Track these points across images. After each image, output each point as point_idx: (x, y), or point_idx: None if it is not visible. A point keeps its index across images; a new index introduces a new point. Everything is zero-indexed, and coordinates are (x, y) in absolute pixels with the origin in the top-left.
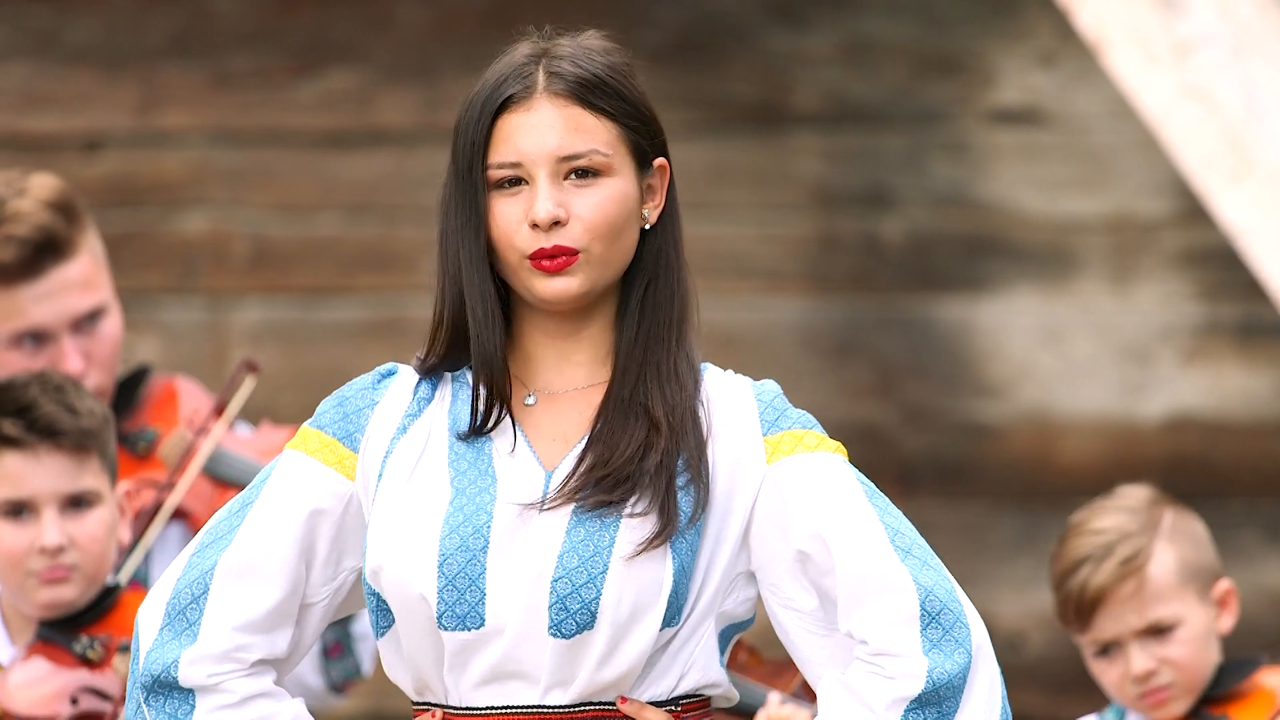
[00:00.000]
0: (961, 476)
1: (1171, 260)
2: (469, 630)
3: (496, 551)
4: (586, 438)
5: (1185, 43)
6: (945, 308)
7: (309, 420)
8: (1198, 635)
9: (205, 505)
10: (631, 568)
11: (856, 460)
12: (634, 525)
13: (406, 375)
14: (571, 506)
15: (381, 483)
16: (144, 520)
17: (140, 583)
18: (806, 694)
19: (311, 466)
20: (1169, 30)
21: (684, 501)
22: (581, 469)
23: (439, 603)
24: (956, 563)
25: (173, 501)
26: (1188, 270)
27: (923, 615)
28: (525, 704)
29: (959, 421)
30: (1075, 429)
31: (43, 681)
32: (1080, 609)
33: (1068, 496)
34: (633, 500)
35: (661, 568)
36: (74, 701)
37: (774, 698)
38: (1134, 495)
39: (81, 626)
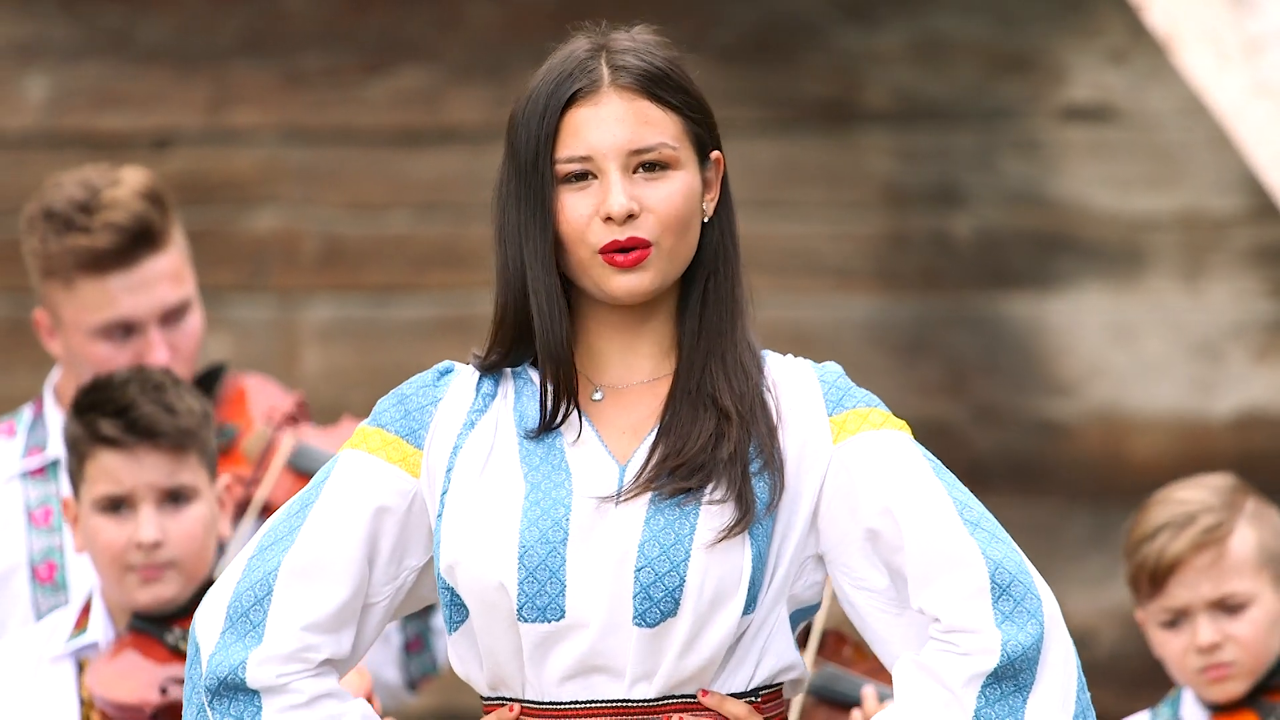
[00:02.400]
0: (1033, 475)
1: (1242, 257)
2: (549, 622)
3: (576, 544)
4: (656, 429)
5: (1256, 40)
6: (1016, 305)
7: (366, 420)
8: (1266, 618)
9: (290, 498)
10: (713, 554)
11: None
12: (714, 512)
13: (466, 373)
14: (649, 496)
15: (451, 479)
16: (233, 516)
17: None
18: None
19: (375, 464)
20: (1240, 28)
21: (759, 488)
22: (655, 459)
23: (519, 594)
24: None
25: (261, 496)
26: (1259, 267)
27: (993, 588)
28: (611, 698)
29: (1030, 420)
30: (1146, 427)
31: (133, 672)
32: (1155, 574)
33: (1139, 495)
34: (710, 488)
35: (741, 554)
36: (163, 691)
37: (869, 690)
38: (1217, 478)
39: (176, 619)
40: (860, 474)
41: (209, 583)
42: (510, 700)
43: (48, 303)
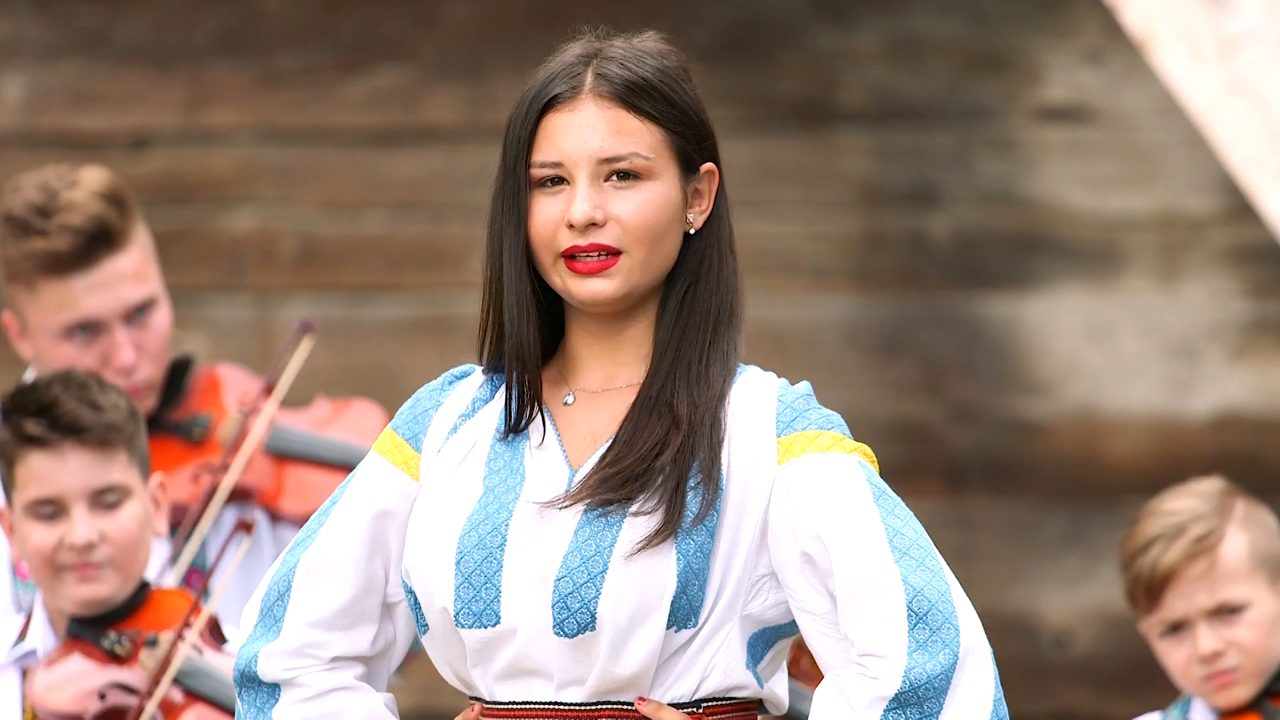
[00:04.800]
0: (1009, 474)
1: (1218, 257)
2: (485, 628)
3: (514, 549)
4: (613, 436)
5: (1232, 39)
6: (992, 305)
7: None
8: (1266, 620)
9: (269, 481)
10: (631, 567)
11: (903, 458)
12: (636, 524)
13: (476, 377)
14: (582, 505)
15: (425, 483)
16: (202, 504)
17: (199, 569)
18: None
19: (382, 467)
20: (1216, 27)
21: (692, 502)
22: (595, 467)
23: (455, 600)
24: (1004, 560)
25: (226, 484)
26: (1235, 267)
27: (909, 615)
28: (543, 700)
29: (1006, 419)
30: (1122, 426)
31: (72, 680)
32: (1150, 587)
33: (1115, 494)
34: (640, 499)
35: (665, 568)
36: (102, 697)
37: None
38: (1207, 484)
39: (112, 623)
40: (798, 497)
41: (144, 583)
42: (475, 700)
43: (14, 306)
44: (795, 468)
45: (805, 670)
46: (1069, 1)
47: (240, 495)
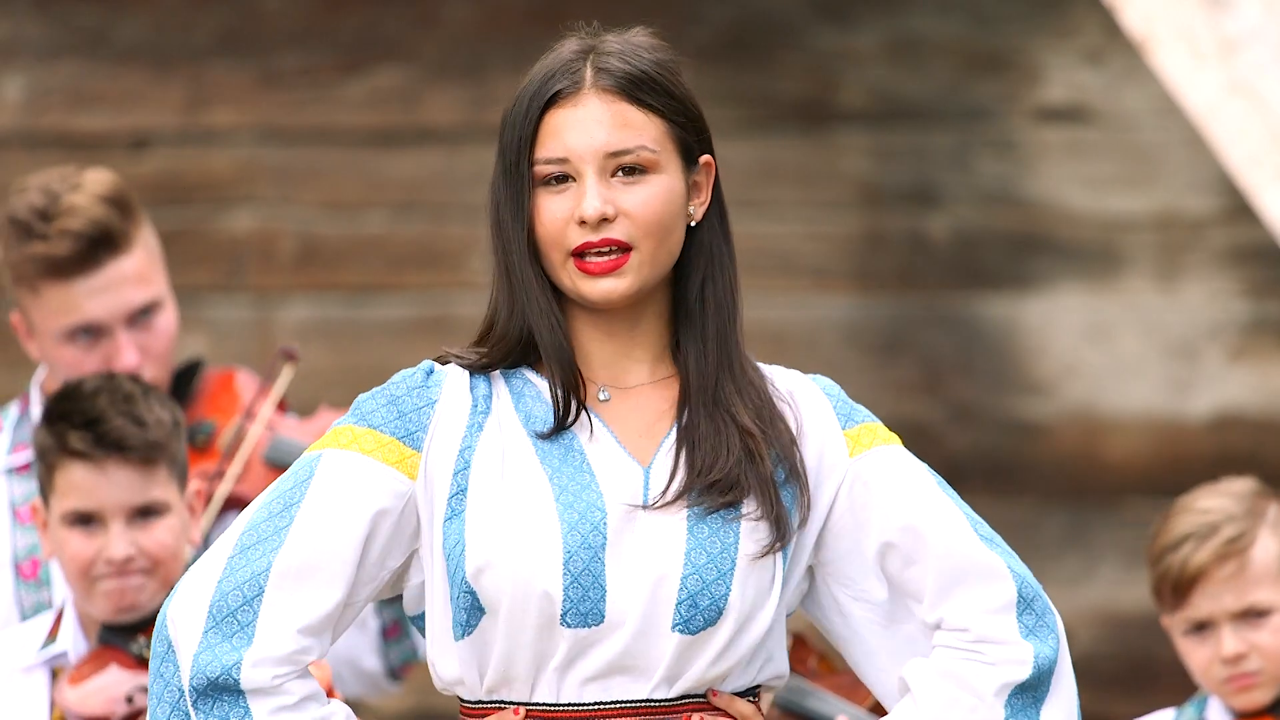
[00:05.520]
0: (1008, 474)
1: (1218, 257)
2: (589, 626)
3: (613, 548)
4: (673, 434)
5: (1232, 40)
6: (992, 305)
7: (349, 418)
8: None
9: None
10: (754, 567)
11: None
12: (754, 527)
13: (454, 373)
14: (686, 506)
15: (470, 481)
16: (197, 512)
17: None
18: (879, 714)
19: (370, 466)
20: (1216, 27)
21: (786, 500)
22: (684, 471)
23: (564, 600)
24: None
25: (222, 491)
26: (1234, 267)
27: (1019, 602)
28: (631, 699)
29: (1005, 419)
30: (1122, 427)
31: (101, 685)
32: (1178, 585)
33: (1115, 494)
34: (745, 503)
35: (776, 566)
36: (129, 700)
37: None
38: (1240, 484)
39: (142, 629)
40: (877, 488)
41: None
42: (514, 703)
43: (20, 307)
44: (869, 459)
45: (813, 669)
46: (1069, 2)
47: (236, 505)
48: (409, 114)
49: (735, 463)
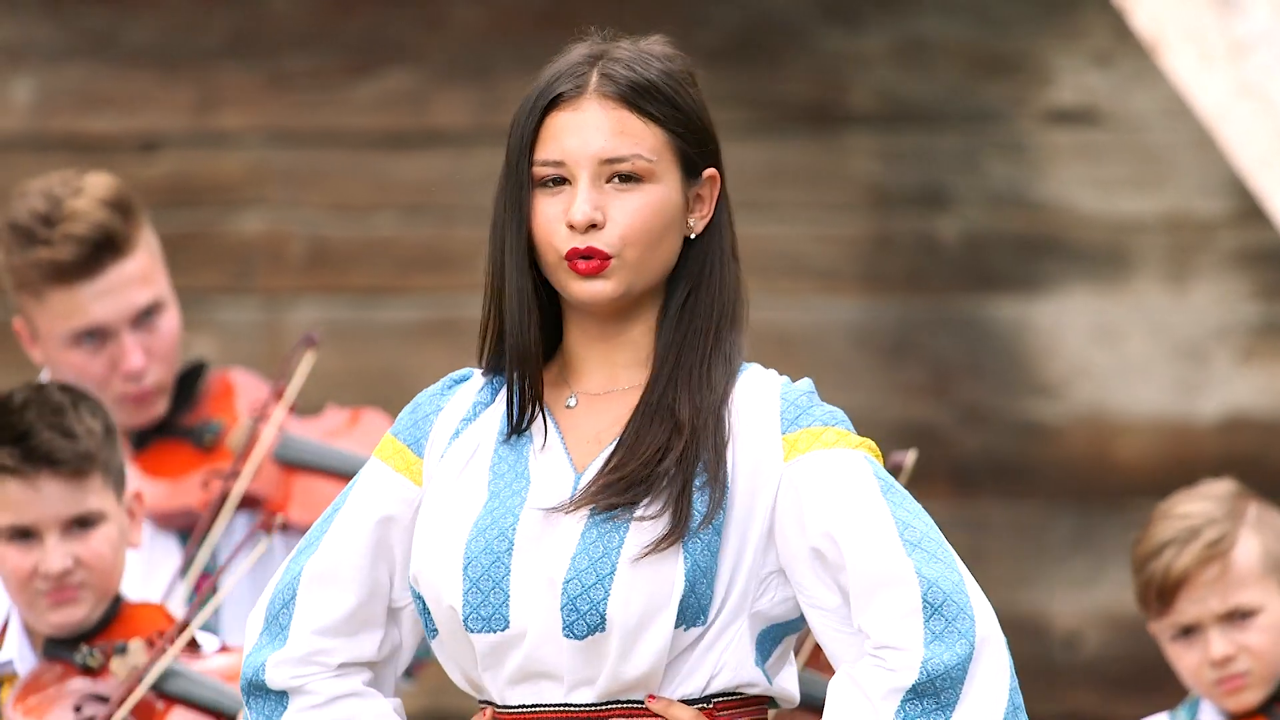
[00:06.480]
0: (1017, 476)
1: (1228, 259)
2: (494, 632)
3: (521, 554)
4: (617, 440)
5: (1242, 42)
6: (1001, 307)
7: (393, 426)
8: (1277, 625)
9: (276, 490)
10: (639, 570)
11: None
12: (643, 528)
13: (476, 380)
14: (588, 509)
15: (429, 488)
16: (212, 511)
17: (209, 573)
18: None
19: (384, 473)
20: (1225, 29)
21: (699, 503)
22: (601, 471)
23: (464, 605)
24: (1013, 562)
25: (238, 490)
26: (1244, 269)
27: (925, 607)
28: (553, 702)
29: (1015, 421)
30: (1131, 429)
31: (47, 698)
32: (1162, 591)
33: (1124, 496)
34: (645, 503)
35: (673, 569)
36: (77, 710)
37: None
38: (1219, 486)
39: (86, 639)
40: (806, 493)
41: (118, 599)
42: (487, 704)
43: (23, 313)
44: (802, 464)
45: (825, 662)
46: (1078, 4)
47: (249, 503)
48: (418, 116)
49: (648, 460)
